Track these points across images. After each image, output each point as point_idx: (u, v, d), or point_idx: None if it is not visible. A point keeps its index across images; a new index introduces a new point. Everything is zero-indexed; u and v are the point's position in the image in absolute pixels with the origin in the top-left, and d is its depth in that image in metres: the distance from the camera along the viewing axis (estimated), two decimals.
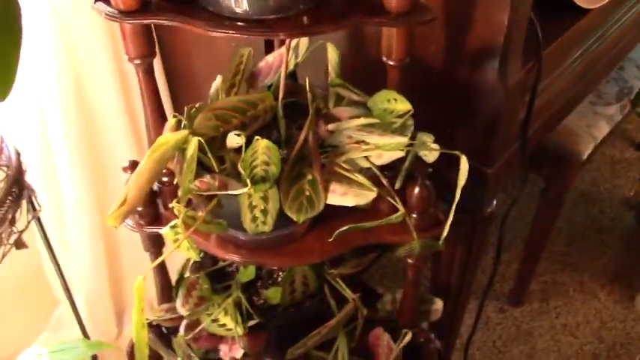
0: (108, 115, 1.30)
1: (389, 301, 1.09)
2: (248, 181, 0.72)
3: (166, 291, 1.06)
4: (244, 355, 0.93)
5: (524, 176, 1.02)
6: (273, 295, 1.00)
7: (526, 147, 0.98)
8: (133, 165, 0.89)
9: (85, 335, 1.38)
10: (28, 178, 0.97)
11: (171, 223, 0.75)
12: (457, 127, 0.94)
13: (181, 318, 1.04)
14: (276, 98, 0.84)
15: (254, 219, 0.78)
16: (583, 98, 1.20)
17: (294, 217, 0.78)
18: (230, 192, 0.72)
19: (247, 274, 1.00)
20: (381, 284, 1.20)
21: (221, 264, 1.05)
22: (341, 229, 0.80)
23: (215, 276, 1.03)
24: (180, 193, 0.75)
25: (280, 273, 1.04)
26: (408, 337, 0.96)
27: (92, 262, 1.44)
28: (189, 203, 0.79)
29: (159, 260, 0.76)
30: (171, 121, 0.79)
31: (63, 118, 1.22)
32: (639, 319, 1.71)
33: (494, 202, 1.06)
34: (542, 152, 1.40)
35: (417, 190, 0.85)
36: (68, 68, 1.19)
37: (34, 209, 1.07)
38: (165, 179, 0.92)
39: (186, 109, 0.81)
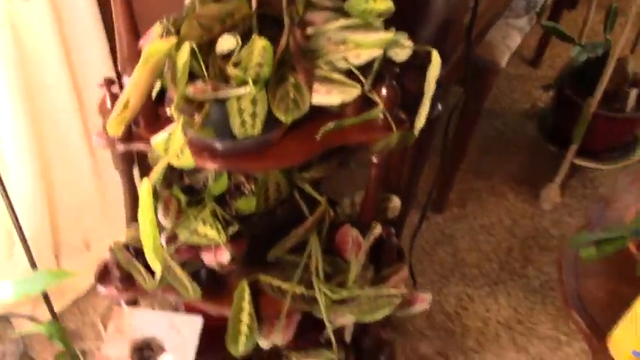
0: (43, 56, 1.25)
1: (348, 205, 1.16)
2: (250, 80, 0.74)
3: (136, 211, 1.07)
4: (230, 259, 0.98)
5: (468, 78, 1.11)
6: (245, 205, 1.04)
7: (470, 50, 1.06)
8: (109, 82, 0.89)
9: (34, 268, 1.35)
10: None
11: (169, 129, 0.77)
12: (412, 32, 1.00)
13: None
14: None
15: (243, 123, 0.82)
16: (506, 8, 1.30)
17: (282, 117, 0.82)
18: (230, 93, 0.75)
19: (219, 185, 1.03)
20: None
21: (188, 180, 1.07)
22: (326, 127, 0.85)
23: (184, 193, 1.05)
24: (175, 98, 0.77)
25: (247, 185, 1.08)
26: (378, 230, 1.04)
27: (33, 201, 1.41)
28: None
29: (164, 162, 0.77)
30: (156, 28, 0.80)
31: None
32: (544, 214, 1.92)
33: (440, 106, 1.15)
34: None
35: (385, 89, 0.91)
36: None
37: None
38: None
39: (166, 18, 0.82)
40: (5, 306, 1.47)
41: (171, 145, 0.79)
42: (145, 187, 0.73)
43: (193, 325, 0.99)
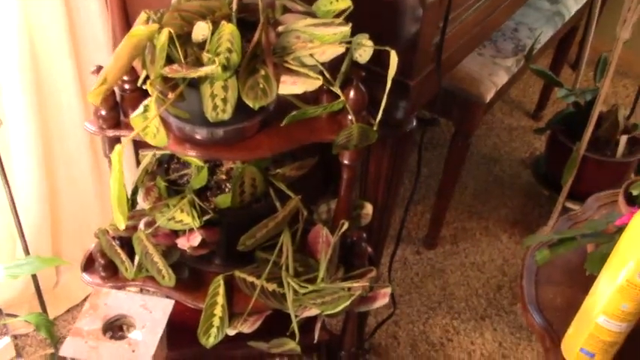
0: (53, 55, 1.37)
1: (324, 211, 1.22)
2: (216, 59, 0.83)
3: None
4: (202, 242, 1.04)
5: (437, 94, 1.19)
6: (222, 201, 1.11)
7: (440, 67, 1.14)
8: (99, 69, 0.98)
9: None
10: None
11: (144, 102, 0.86)
12: (382, 46, 1.09)
13: (135, 228, 1.14)
14: None
15: (215, 107, 0.90)
16: (485, 38, 1.39)
17: (250, 103, 0.90)
18: (200, 72, 0.84)
19: (200, 179, 1.10)
20: None
21: (173, 176, 1.15)
22: (291, 114, 0.93)
23: (168, 186, 1.13)
24: (152, 77, 0.86)
25: (228, 184, 1.15)
26: (346, 226, 1.10)
27: (36, 202, 1.49)
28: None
29: (129, 138, 0.86)
30: (142, 16, 0.89)
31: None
32: None
33: (414, 121, 1.22)
34: (452, 98, 1.60)
35: (352, 92, 0.99)
36: None
37: None
38: (127, 87, 1.01)
39: (153, 11, 0.92)
40: (4, 304, 1.53)
41: (148, 124, 0.88)
42: (115, 152, 0.81)
43: (164, 306, 1.05)
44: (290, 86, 0.92)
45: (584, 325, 0.94)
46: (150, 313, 1.04)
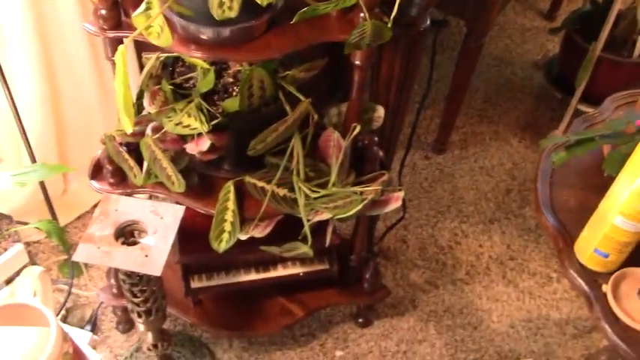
0: None
1: (335, 114, 1.19)
2: None
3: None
4: (211, 147, 1.02)
5: None
6: (230, 104, 1.08)
7: None
8: None
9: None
10: None
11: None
12: None
13: (142, 134, 1.11)
14: None
15: (221, 4, 0.85)
16: None
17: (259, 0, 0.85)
18: None
19: (206, 82, 1.07)
20: None
21: (178, 80, 1.11)
22: (301, 11, 0.88)
23: (175, 90, 1.10)
24: None
25: (236, 87, 1.12)
26: (357, 129, 1.07)
27: (39, 109, 1.46)
28: None
29: (131, 37, 0.82)
30: None
31: None
32: None
33: (428, 20, 1.17)
34: None
35: None
36: None
37: None
38: None
39: None
40: (13, 212, 1.54)
41: (151, 23, 0.83)
42: (119, 53, 0.78)
43: (175, 212, 1.04)
44: None
45: (599, 226, 0.93)
46: (161, 218, 1.03)
